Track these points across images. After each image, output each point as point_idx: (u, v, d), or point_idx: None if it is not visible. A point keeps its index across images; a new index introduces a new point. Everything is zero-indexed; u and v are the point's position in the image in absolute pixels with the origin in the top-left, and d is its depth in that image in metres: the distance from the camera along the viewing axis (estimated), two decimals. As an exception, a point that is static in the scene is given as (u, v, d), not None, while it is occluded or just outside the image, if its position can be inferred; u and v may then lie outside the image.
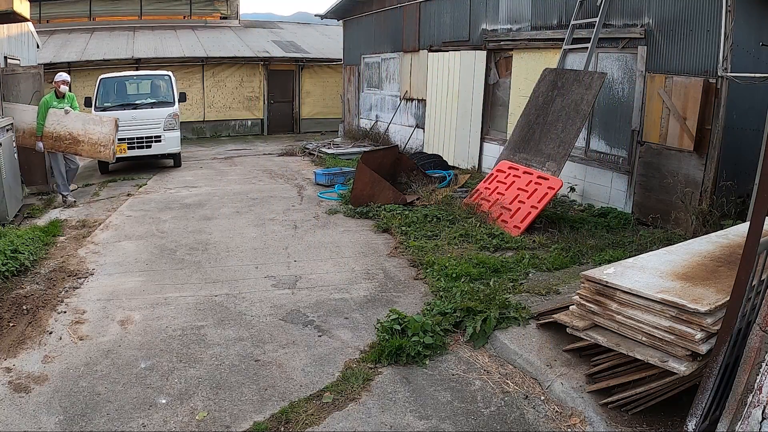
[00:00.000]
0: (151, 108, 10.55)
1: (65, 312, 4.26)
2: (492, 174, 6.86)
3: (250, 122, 17.52)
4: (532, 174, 6.37)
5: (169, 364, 3.51)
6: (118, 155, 10.23)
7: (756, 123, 5.40)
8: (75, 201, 8.14)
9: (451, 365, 3.50)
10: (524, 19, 8.31)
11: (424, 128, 10.86)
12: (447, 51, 9.97)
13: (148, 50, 16.16)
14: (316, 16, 16.09)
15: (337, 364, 3.50)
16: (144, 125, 10.26)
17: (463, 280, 4.52)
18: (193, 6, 19.75)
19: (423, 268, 5.00)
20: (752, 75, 5.22)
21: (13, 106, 8.33)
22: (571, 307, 3.36)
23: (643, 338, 2.88)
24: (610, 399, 2.92)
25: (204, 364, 3.52)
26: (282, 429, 2.89)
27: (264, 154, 12.98)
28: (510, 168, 6.68)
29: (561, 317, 3.39)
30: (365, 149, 10.67)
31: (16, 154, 7.40)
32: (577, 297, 3.29)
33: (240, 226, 6.64)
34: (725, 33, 5.43)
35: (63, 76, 8.32)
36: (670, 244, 4.06)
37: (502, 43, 8.75)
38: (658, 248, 3.90)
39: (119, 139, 10.10)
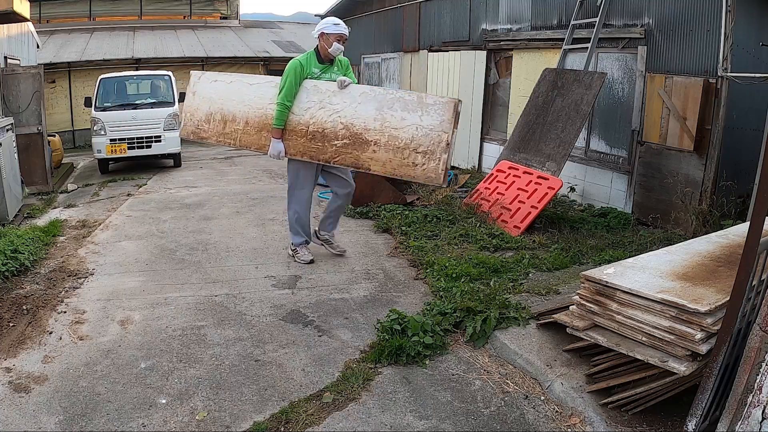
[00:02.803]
0: (151, 108, 10.56)
1: (65, 312, 4.26)
2: (492, 174, 6.86)
3: (250, 122, 17.51)
4: (532, 174, 6.37)
5: (169, 364, 3.51)
6: (118, 155, 10.26)
7: (756, 123, 5.40)
8: (312, 260, 5.20)
9: (451, 365, 3.50)
10: (524, 19, 8.31)
11: (424, 128, 10.84)
12: (447, 51, 9.97)
13: (148, 50, 16.18)
14: (316, 16, 16.10)
15: (337, 364, 3.50)
16: (144, 125, 10.27)
17: (463, 280, 4.52)
18: (193, 6, 19.77)
19: (423, 268, 5.00)
20: (752, 75, 5.22)
21: (233, 78, 5.34)
22: (571, 307, 3.36)
23: (643, 338, 2.87)
24: (610, 399, 2.92)
25: (204, 364, 3.52)
26: (282, 429, 2.89)
27: (264, 153, 12.96)
28: (510, 168, 6.68)
29: (561, 317, 3.39)
30: (365, 149, 10.65)
31: (16, 154, 7.40)
32: (577, 297, 3.29)
33: (240, 226, 6.63)
34: (725, 33, 5.43)
35: (341, 27, 4.84)
36: (670, 244, 4.05)
37: (502, 43, 8.74)
38: (658, 248, 3.90)
39: (119, 140, 10.13)
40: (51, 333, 3.91)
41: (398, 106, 4.54)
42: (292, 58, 5.04)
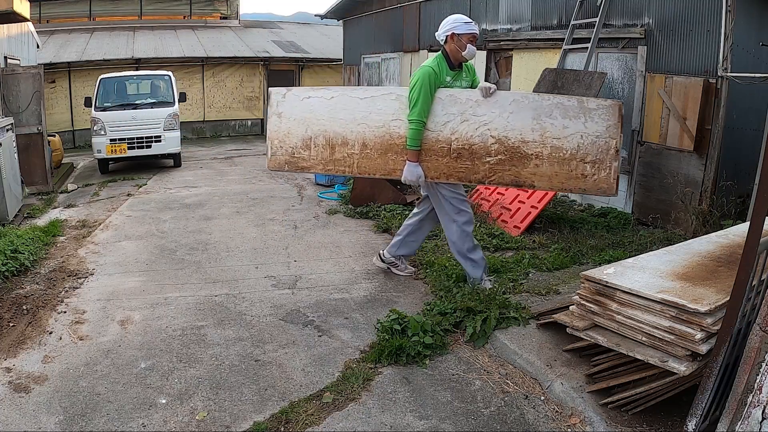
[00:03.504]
0: (151, 108, 10.57)
1: (65, 312, 4.26)
2: (492, 174, 6.83)
3: (250, 122, 17.53)
4: (532, 174, 6.35)
5: (169, 364, 3.51)
6: (118, 155, 10.26)
7: (756, 123, 5.40)
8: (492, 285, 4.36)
9: (451, 365, 3.50)
10: (524, 19, 8.31)
11: (424, 128, 10.84)
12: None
13: (148, 50, 16.18)
14: (316, 16, 16.12)
15: (337, 364, 3.50)
16: (144, 125, 10.28)
17: (464, 280, 4.52)
18: (193, 6, 19.77)
19: (423, 268, 5.00)
20: (752, 75, 5.22)
21: (335, 92, 4.40)
22: (571, 307, 3.36)
23: (643, 338, 2.87)
24: (610, 399, 2.92)
25: (204, 364, 3.52)
26: (282, 429, 2.89)
27: (264, 154, 12.96)
28: (510, 168, 6.66)
29: (561, 317, 3.39)
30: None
31: (16, 154, 7.40)
32: (577, 297, 3.29)
33: (240, 226, 6.63)
34: (725, 33, 5.43)
35: (473, 25, 4.25)
36: (670, 244, 4.05)
37: (502, 43, 8.74)
38: (658, 248, 3.89)
39: (119, 140, 10.13)
40: (51, 333, 3.91)
41: (558, 113, 4.07)
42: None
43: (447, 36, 4.21)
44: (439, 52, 4.25)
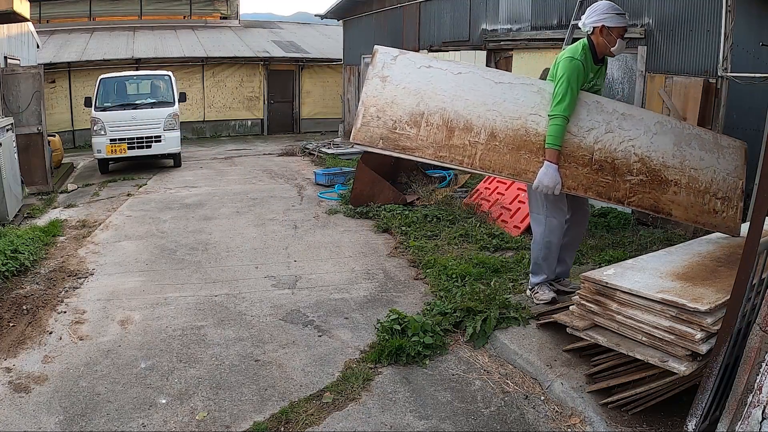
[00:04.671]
0: (151, 108, 10.57)
1: (65, 312, 4.26)
2: (492, 174, 6.82)
3: (250, 122, 17.53)
4: (532, 174, 6.34)
5: (169, 364, 3.51)
6: (118, 155, 10.27)
7: (756, 123, 5.40)
8: (554, 298, 4.00)
9: (451, 365, 3.50)
10: (524, 19, 8.31)
11: (424, 128, 10.83)
12: (447, 51, 9.97)
13: (148, 50, 16.17)
14: (316, 16, 16.11)
15: (337, 364, 3.51)
16: (144, 125, 10.28)
17: (464, 279, 4.51)
18: (193, 6, 19.76)
19: (423, 268, 5.00)
20: (752, 75, 5.22)
21: (465, 68, 3.76)
22: (571, 307, 3.36)
23: (643, 338, 2.87)
24: (610, 399, 2.92)
25: (204, 364, 3.52)
26: (282, 429, 2.89)
27: (264, 154, 12.99)
28: (510, 168, 6.65)
29: (561, 317, 3.40)
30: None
31: (16, 154, 7.40)
32: (577, 297, 3.29)
33: (240, 226, 6.64)
34: (725, 33, 5.42)
35: (625, 17, 3.83)
36: (670, 244, 4.06)
37: (502, 43, 8.74)
38: (658, 248, 3.90)
39: (119, 140, 10.13)
40: (51, 333, 3.91)
41: (696, 144, 3.92)
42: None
43: (595, 28, 3.75)
44: (583, 41, 3.80)
